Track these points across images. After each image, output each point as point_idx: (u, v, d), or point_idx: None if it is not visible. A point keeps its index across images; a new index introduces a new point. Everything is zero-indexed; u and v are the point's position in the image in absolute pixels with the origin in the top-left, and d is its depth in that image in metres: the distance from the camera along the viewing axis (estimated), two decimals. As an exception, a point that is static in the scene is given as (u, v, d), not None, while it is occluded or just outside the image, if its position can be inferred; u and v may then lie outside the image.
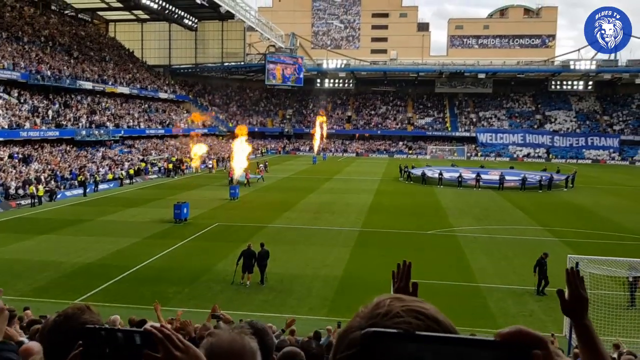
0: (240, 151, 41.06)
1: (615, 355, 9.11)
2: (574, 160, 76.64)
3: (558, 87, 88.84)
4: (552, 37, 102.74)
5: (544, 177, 46.23)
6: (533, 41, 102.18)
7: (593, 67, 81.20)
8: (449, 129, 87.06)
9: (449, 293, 17.35)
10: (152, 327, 1.12)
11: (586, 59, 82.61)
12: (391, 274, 2.39)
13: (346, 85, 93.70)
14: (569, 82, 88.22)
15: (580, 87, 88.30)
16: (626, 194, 42.68)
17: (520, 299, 16.93)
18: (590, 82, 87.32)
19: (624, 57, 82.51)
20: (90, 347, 1.11)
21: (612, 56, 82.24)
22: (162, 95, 70.58)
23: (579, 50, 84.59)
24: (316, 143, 75.15)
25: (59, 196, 35.91)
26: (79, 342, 1.18)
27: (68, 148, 45.43)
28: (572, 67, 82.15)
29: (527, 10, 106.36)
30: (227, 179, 43.34)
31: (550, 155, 79.28)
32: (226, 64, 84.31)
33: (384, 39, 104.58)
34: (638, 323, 13.73)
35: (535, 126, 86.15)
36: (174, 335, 1.13)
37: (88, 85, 53.40)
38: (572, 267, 2.04)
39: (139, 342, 1.11)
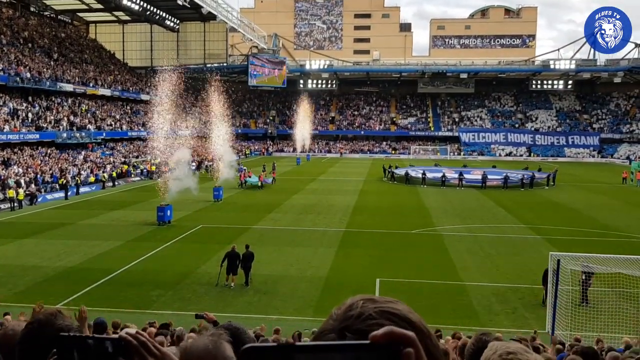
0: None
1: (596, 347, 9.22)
2: (555, 159, 77.57)
3: (539, 86, 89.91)
4: (532, 37, 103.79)
5: (525, 176, 46.67)
6: (514, 41, 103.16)
7: (572, 66, 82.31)
8: (432, 128, 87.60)
9: (433, 291, 17.47)
10: (128, 334, 1.11)
11: (566, 59, 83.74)
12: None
13: (329, 86, 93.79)
14: (549, 82, 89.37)
15: (560, 87, 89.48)
16: (606, 192, 43.28)
17: (504, 297, 17.08)
18: (570, 82, 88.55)
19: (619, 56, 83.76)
20: (65, 355, 1.10)
21: (591, 56, 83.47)
22: (144, 97, 69.98)
23: (558, 50, 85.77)
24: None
25: (39, 200, 35.44)
26: (53, 351, 1.16)
27: (49, 151, 44.87)
28: (552, 66, 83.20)
29: (508, 11, 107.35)
30: (238, 182, 43.39)
31: (532, 154, 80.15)
32: (209, 65, 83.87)
33: (367, 40, 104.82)
34: (618, 318, 13.92)
35: (517, 125, 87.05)
36: (149, 342, 1.12)
37: (69, 87, 52.79)
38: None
39: (112, 350, 1.09)
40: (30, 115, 45.66)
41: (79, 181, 40.19)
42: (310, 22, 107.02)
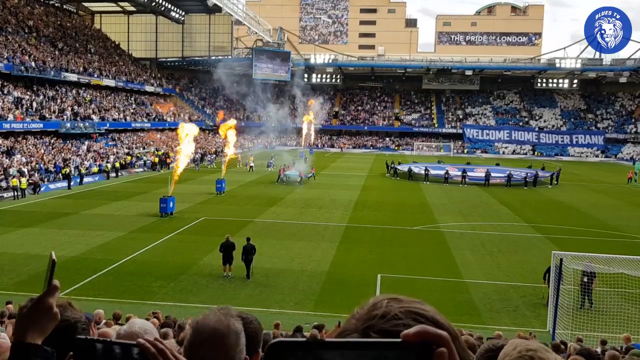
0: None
1: (598, 350, 9.22)
2: (559, 157, 77.28)
3: (544, 84, 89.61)
4: (539, 35, 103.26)
5: (529, 174, 46.57)
6: (520, 39, 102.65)
7: (578, 65, 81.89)
8: (436, 125, 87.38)
9: (434, 288, 17.46)
10: (146, 341, 1.08)
11: (571, 58, 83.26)
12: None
13: (333, 80, 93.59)
14: (555, 80, 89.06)
15: (566, 85, 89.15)
16: (609, 192, 43.15)
17: (505, 295, 17.06)
18: (575, 81, 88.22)
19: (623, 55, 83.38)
20: (81, 358, 1.07)
21: (597, 55, 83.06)
22: (149, 88, 70.00)
23: (564, 48, 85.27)
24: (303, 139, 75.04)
25: (42, 189, 35.47)
26: (70, 354, 1.15)
27: (52, 140, 44.90)
28: (557, 65, 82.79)
29: (515, 8, 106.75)
30: (276, 177, 43.28)
31: (536, 152, 79.92)
32: (213, 57, 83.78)
33: (372, 35, 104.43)
34: (619, 319, 13.90)
35: (521, 123, 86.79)
36: (167, 350, 1.09)
37: (73, 77, 52.77)
38: None
39: (134, 356, 1.06)
40: (34, 104, 45.66)
41: (82, 171, 40.23)
42: (316, 16, 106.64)
